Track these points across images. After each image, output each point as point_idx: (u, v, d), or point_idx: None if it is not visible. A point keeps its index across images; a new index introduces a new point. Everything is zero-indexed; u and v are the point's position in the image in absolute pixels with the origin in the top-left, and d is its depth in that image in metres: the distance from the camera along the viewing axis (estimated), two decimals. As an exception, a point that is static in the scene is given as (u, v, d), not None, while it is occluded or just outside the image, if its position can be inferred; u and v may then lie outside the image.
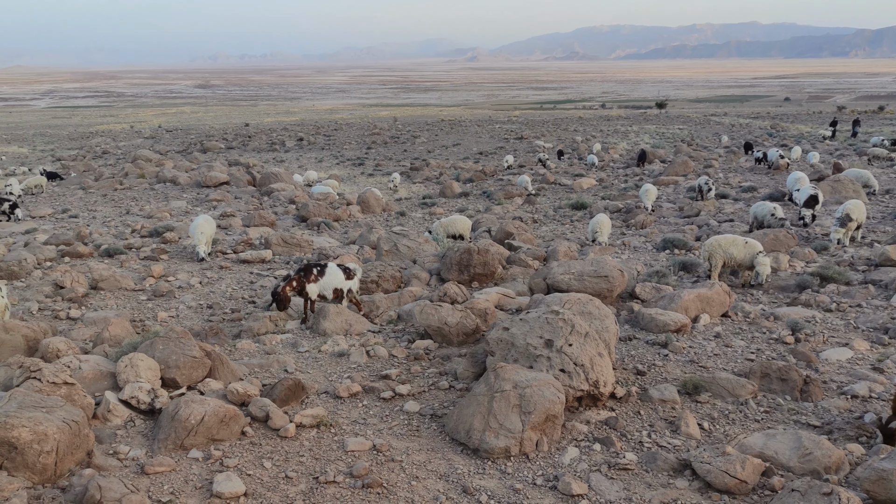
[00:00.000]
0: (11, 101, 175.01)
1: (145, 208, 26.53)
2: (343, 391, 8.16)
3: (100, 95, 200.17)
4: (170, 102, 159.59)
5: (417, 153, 48.61)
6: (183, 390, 8.17)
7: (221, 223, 21.92)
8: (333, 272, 11.70)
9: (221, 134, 70.42)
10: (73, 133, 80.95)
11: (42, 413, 6.42)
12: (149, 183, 34.54)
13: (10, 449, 6.08)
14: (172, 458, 6.65)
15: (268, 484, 6.31)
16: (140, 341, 9.18)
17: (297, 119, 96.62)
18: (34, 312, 12.80)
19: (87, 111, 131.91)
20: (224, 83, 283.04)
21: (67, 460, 6.36)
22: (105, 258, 17.32)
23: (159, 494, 6.06)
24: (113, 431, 7.21)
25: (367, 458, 6.75)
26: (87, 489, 5.78)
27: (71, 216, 25.68)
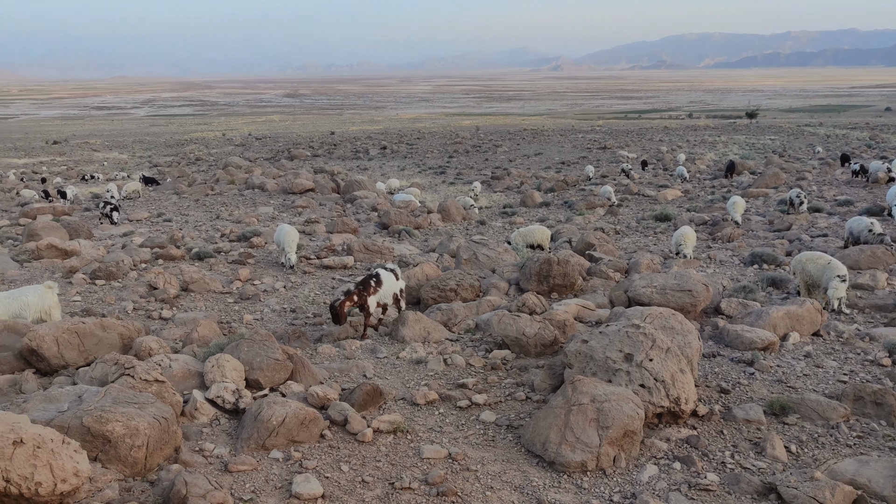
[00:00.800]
0: (114, 110, 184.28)
1: (234, 213, 27.44)
2: (420, 398, 8.23)
3: (195, 104, 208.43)
4: (260, 111, 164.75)
5: (499, 162, 48.62)
6: (266, 392, 8.40)
7: (306, 229, 22.46)
8: (387, 278, 11.58)
9: (308, 142, 72.21)
10: (170, 140, 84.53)
11: (134, 409, 6.71)
12: (238, 189, 35.73)
13: (104, 442, 6.38)
14: (254, 457, 6.84)
15: (345, 487, 6.41)
16: (226, 343, 9.50)
17: (380, 128, 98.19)
18: (129, 312, 13.40)
19: (182, 119, 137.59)
20: (311, 92, 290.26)
21: (156, 455, 6.63)
22: (196, 261, 17.99)
23: (241, 493, 6.24)
24: (199, 429, 7.47)
25: (442, 467, 6.77)
26: (174, 484, 6.00)
27: (165, 220, 26.81)
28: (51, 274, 16.39)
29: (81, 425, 6.40)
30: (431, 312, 12.24)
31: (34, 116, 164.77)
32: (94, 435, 6.38)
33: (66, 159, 64.84)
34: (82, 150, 75.15)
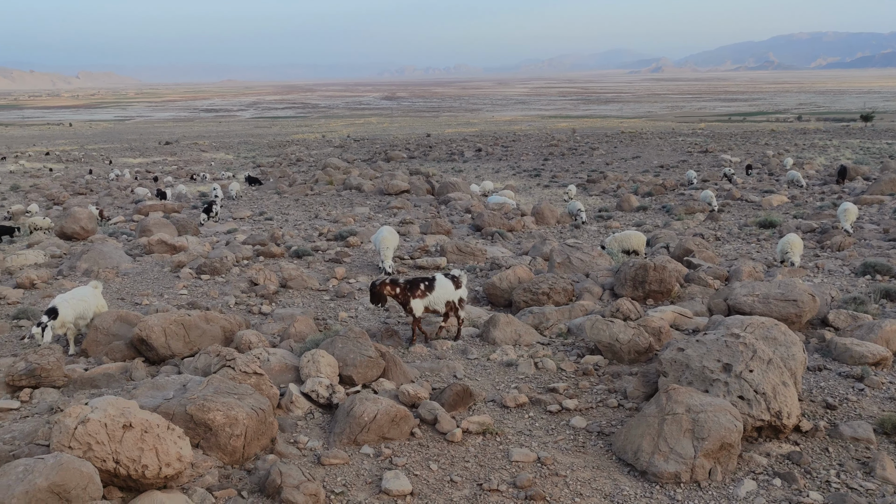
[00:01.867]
0: (222, 113, 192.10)
1: (332, 213, 28.12)
2: (510, 401, 8.19)
3: (297, 107, 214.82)
4: (358, 113, 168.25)
5: (595, 165, 47.91)
6: (358, 388, 8.56)
7: (400, 230, 22.76)
8: (443, 284, 11.21)
9: (404, 144, 73.23)
10: (272, 142, 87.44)
11: (234, 399, 6.97)
12: (336, 189, 36.61)
13: (205, 430, 6.66)
14: (346, 451, 6.98)
15: (433, 486, 6.46)
16: (322, 339, 9.74)
17: (476, 130, 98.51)
18: (231, 306, 13.92)
19: (285, 121, 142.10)
20: (409, 95, 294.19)
21: (254, 445, 6.86)
22: (294, 259, 18.52)
23: (332, 485, 6.38)
24: (294, 422, 7.69)
25: (531, 470, 6.72)
26: (270, 473, 6.20)
27: (266, 219, 27.75)
28: (160, 268, 17.22)
29: (185, 413, 6.70)
30: (523, 315, 12.18)
31: (149, 118, 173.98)
32: (196, 422, 6.66)
33: (177, 159, 68.10)
34: (191, 150, 78.77)
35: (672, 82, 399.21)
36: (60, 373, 9.15)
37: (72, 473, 5.28)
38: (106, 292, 15.05)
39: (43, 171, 58.18)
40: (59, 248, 20.91)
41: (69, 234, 23.32)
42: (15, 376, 8.91)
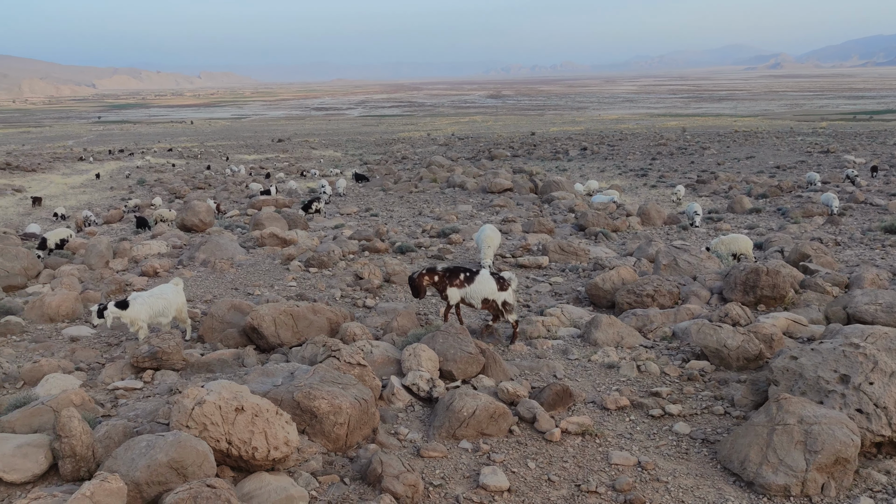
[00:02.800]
0: (331, 111, 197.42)
1: (435, 210, 28.45)
2: (610, 403, 8.08)
3: (403, 105, 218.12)
4: (463, 112, 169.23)
5: (705, 165, 46.38)
6: (458, 383, 8.65)
7: (503, 228, 22.78)
8: (484, 280, 10.97)
9: (508, 142, 73.15)
10: (379, 139, 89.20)
11: (338, 388, 7.19)
12: (440, 187, 36.99)
13: (311, 417, 6.90)
14: (445, 445, 7.07)
15: (531, 484, 6.46)
16: (423, 333, 9.89)
17: (581, 128, 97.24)
18: (337, 299, 14.34)
19: (391, 120, 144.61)
20: (514, 93, 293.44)
21: (356, 434, 7.06)
22: (398, 254, 18.87)
23: (431, 478, 6.48)
24: (395, 413, 7.85)
25: (630, 474, 6.61)
26: (371, 462, 6.36)
27: (372, 215, 28.38)
28: (271, 260, 17.92)
29: (292, 399, 6.96)
30: (626, 317, 11.96)
31: (263, 116, 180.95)
32: (302, 409, 6.91)
33: (289, 156, 70.58)
34: (302, 147, 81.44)
35: (792, 79, 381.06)
36: (179, 357, 9.70)
37: (189, 451, 5.60)
38: (221, 282, 15.83)
39: (166, 167, 61.62)
40: (180, 239, 22.12)
41: (189, 227, 24.61)
42: (139, 358, 9.51)
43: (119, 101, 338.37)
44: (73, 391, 7.73)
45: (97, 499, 4.86)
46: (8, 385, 9.19)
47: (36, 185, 49.68)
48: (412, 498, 6.03)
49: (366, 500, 5.93)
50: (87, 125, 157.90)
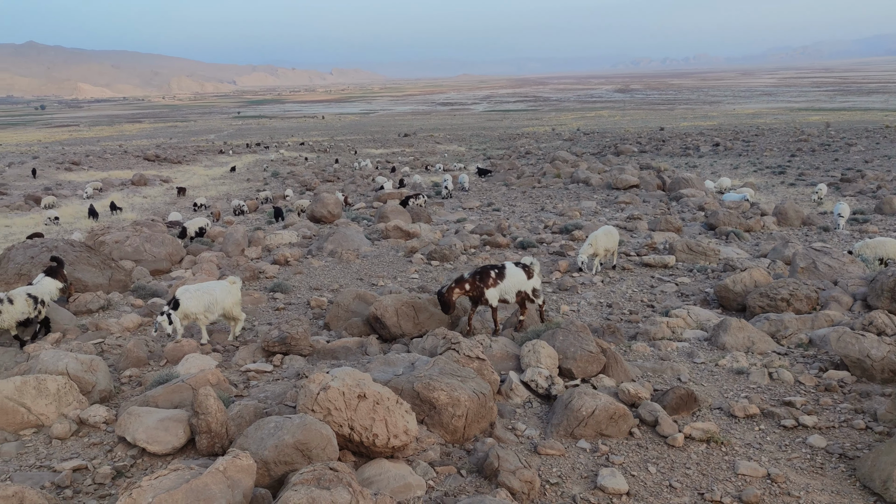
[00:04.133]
0: (456, 106, 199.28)
1: (558, 206, 28.16)
2: (738, 410, 7.72)
3: (528, 100, 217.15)
4: (589, 106, 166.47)
5: (851, 163, 43.46)
6: (577, 382, 8.53)
7: (627, 226, 22.25)
8: (513, 272, 10.60)
9: (635, 137, 71.34)
10: (503, 134, 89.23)
11: (457, 381, 7.26)
12: (563, 183, 36.58)
13: (430, 408, 7.00)
14: (562, 443, 6.99)
15: (650, 488, 6.28)
16: (543, 330, 9.82)
17: (714, 123, 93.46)
18: (458, 292, 14.47)
19: (516, 114, 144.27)
20: (643, 87, 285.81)
21: (473, 427, 7.10)
22: (519, 250, 18.81)
23: (547, 475, 6.43)
24: (513, 409, 7.84)
25: (759, 486, 6.30)
26: (488, 456, 6.38)
27: (494, 209, 28.43)
28: (395, 252, 18.31)
29: (412, 390, 7.09)
30: (758, 321, 11.40)
31: (390, 111, 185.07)
32: (422, 400, 7.03)
33: (414, 150, 71.84)
34: (427, 142, 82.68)
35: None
36: (306, 343, 10.09)
37: (314, 434, 5.81)
38: (346, 272, 16.33)
39: (298, 160, 64.23)
40: (310, 229, 23.01)
41: (318, 218, 25.55)
42: (269, 343, 9.97)
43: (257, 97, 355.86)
44: (210, 371, 8.20)
45: (229, 474, 5.13)
46: (153, 362, 9.86)
47: (181, 176, 53.08)
48: (528, 495, 6.00)
49: (482, 494, 5.95)
50: (228, 120, 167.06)
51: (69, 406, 7.66)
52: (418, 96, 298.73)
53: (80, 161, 62.90)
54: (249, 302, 13.56)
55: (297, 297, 14.36)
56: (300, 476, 5.07)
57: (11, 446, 6.97)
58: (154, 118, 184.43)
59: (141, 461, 6.59)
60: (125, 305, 13.68)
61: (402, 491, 5.90)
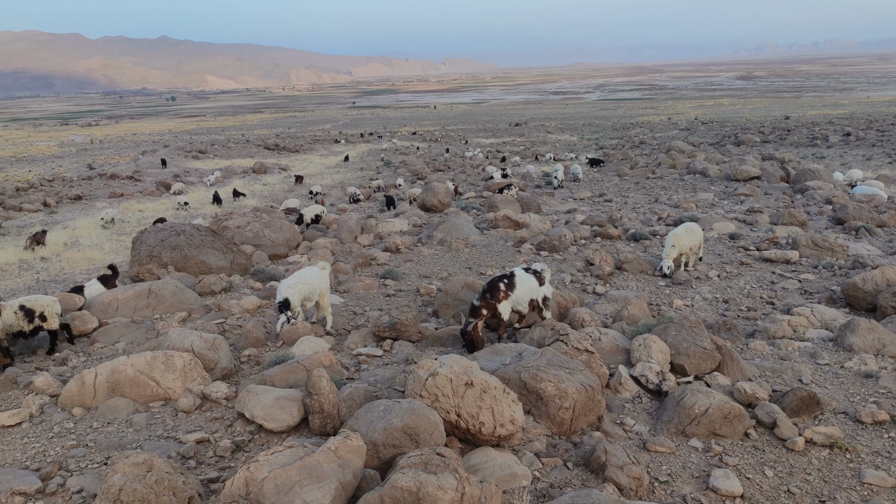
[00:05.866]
0: (569, 95, 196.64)
1: (673, 198, 27.30)
2: (866, 416, 7.27)
3: (643, 88, 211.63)
4: (708, 95, 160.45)
5: None
6: (689, 378, 8.28)
7: (747, 219, 21.33)
8: (524, 279, 9.77)
9: (758, 127, 68.21)
10: (616, 124, 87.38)
11: (565, 373, 7.19)
12: (679, 173, 35.42)
13: (536, 398, 6.97)
14: (673, 441, 6.81)
15: (767, 493, 6.02)
16: (655, 324, 9.57)
17: (845, 112, 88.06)
18: (566, 283, 14.31)
19: (630, 103, 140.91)
20: (767, 74, 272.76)
21: (580, 420, 7.02)
22: (631, 242, 18.38)
23: (657, 473, 6.27)
24: (622, 403, 7.69)
25: (887, 497, 5.92)
26: (595, 450, 6.29)
27: (606, 200, 27.89)
28: (504, 242, 18.30)
29: (519, 379, 7.08)
30: (890, 322, 10.67)
31: (501, 101, 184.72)
32: (528, 390, 7.00)
33: (524, 140, 71.46)
34: (538, 131, 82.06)
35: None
36: (415, 329, 10.25)
37: (421, 419, 5.91)
38: (455, 260, 16.47)
39: (410, 150, 65.18)
40: (420, 218, 23.32)
41: (428, 207, 25.85)
42: (380, 328, 10.20)
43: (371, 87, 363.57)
44: (323, 353, 8.48)
45: (340, 454, 5.29)
46: (270, 343, 10.29)
47: (298, 165, 54.99)
48: (636, 491, 5.88)
49: (588, 488, 5.87)
50: (343, 110, 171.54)
51: (193, 381, 8.11)
52: (530, 85, 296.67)
53: (206, 150, 66.27)
54: (361, 287, 13.90)
55: (406, 284, 14.60)
56: (408, 459, 5.17)
57: (142, 417, 7.46)
58: (274, 108, 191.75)
59: (258, 437, 6.90)
60: (245, 288, 14.32)
61: (508, 480, 5.91)
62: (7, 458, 6.64)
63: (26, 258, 20.77)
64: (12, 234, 27.23)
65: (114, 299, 12.27)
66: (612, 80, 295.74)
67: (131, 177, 45.84)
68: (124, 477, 5.25)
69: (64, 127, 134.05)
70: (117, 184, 42.85)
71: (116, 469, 5.34)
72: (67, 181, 44.47)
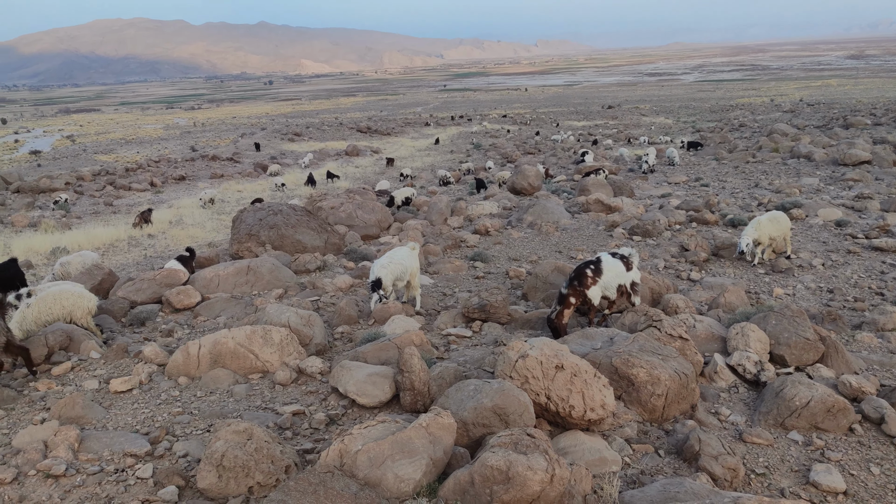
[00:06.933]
0: (665, 76, 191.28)
1: (774, 183, 26.21)
2: (984, 416, 6.82)
3: (745, 69, 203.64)
4: (815, 75, 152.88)
5: None
6: (790, 370, 7.97)
7: (856, 205, 20.26)
8: (611, 265, 9.39)
9: (869, 108, 64.52)
10: (714, 106, 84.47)
11: (658, 359, 7.05)
12: (781, 157, 33.94)
13: (628, 384, 6.87)
14: (771, 433, 6.58)
15: (872, 490, 5.74)
16: (753, 312, 9.25)
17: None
18: (659, 269, 13.99)
19: (730, 85, 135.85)
20: (881, 52, 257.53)
21: (673, 407, 6.87)
22: (728, 228, 17.78)
23: (753, 465, 6.09)
24: (717, 393, 7.48)
25: None
26: (689, 439, 6.15)
27: (702, 185, 27.03)
28: (595, 226, 18.03)
29: (610, 364, 6.99)
30: None
31: (594, 83, 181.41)
32: (619, 375, 6.91)
33: (617, 122, 70.01)
34: (632, 114, 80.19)
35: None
36: (505, 311, 10.25)
37: (511, 400, 5.92)
38: (545, 244, 16.35)
39: (500, 132, 64.93)
40: (510, 201, 23.23)
41: (518, 189, 25.72)
42: (470, 309, 10.25)
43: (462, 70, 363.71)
44: (414, 332, 8.60)
45: (431, 430, 5.37)
46: (362, 321, 10.51)
47: (389, 148, 55.70)
48: (731, 482, 5.72)
49: (680, 476, 5.75)
50: (434, 93, 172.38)
51: (290, 356, 8.38)
52: (624, 67, 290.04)
53: (301, 132, 67.98)
54: (451, 269, 13.99)
55: (496, 266, 14.60)
56: (498, 439, 5.19)
57: (242, 388, 7.77)
58: (367, 92, 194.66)
59: (351, 411, 7.08)
60: (338, 267, 14.66)
61: (597, 464, 5.86)
62: (119, 421, 7.05)
63: (135, 235, 21.91)
64: (122, 212, 28.77)
65: (215, 275, 12.79)
66: (711, 61, 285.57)
67: (231, 158, 47.54)
68: (226, 444, 5.50)
69: (169, 110, 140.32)
70: (218, 165, 44.55)
71: (219, 436, 5.59)
72: (172, 162, 46.55)
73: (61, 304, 9.70)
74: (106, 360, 8.82)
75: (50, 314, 9.59)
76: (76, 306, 9.81)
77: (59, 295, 9.74)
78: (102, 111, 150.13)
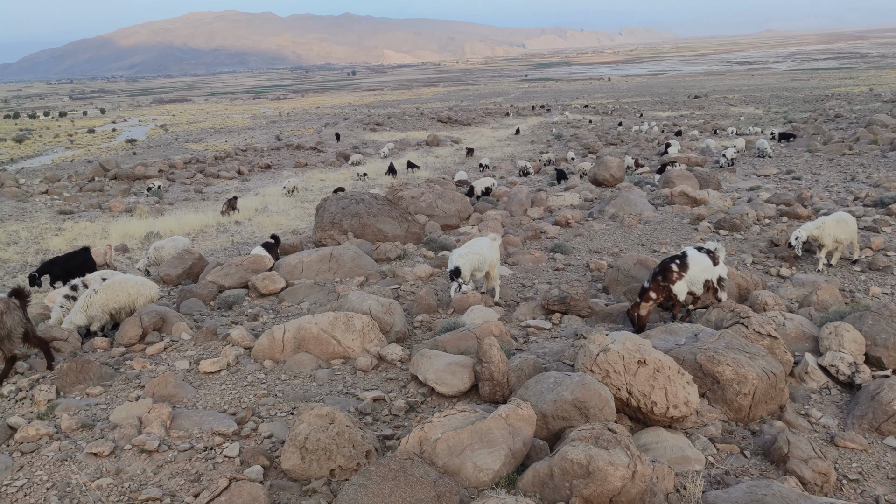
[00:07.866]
0: (755, 65, 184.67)
1: (873, 176, 24.98)
2: None
3: (842, 57, 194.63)
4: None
5: None
6: (888, 372, 7.60)
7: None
8: (697, 259, 9.03)
9: (979, 98, 60.67)
10: (808, 96, 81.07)
11: (744, 357, 6.84)
12: (881, 150, 32.29)
13: (713, 381, 6.69)
14: (865, 438, 6.30)
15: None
16: (848, 311, 8.86)
17: None
18: (747, 264, 13.54)
19: (825, 73, 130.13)
20: None
21: (760, 407, 6.66)
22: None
23: (846, 470, 5.84)
24: (807, 394, 7.21)
25: None
26: (777, 440, 5.95)
27: (794, 178, 26.02)
28: (679, 219, 17.60)
29: (695, 361, 6.82)
30: None
31: (680, 72, 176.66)
32: (704, 373, 6.73)
33: (704, 113, 68.02)
34: (719, 104, 77.77)
35: None
36: (585, 304, 10.13)
37: (592, 394, 5.85)
38: (628, 237, 16.07)
39: (582, 123, 64.06)
40: (591, 192, 22.92)
41: (600, 181, 25.35)
42: (549, 301, 10.18)
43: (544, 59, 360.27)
44: (493, 323, 8.61)
45: (511, 421, 5.37)
46: (441, 310, 10.58)
47: (469, 138, 55.73)
48: (821, 487, 5.51)
49: (767, 478, 5.58)
50: (515, 83, 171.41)
51: (371, 342, 8.52)
52: (712, 55, 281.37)
53: (382, 122, 68.79)
54: (530, 260, 13.92)
55: (576, 258, 14.45)
56: (578, 432, 5.14)
57: (324, 372, 7.95)
58: (448, 82, 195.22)
59: (430, 399, 7.14)
60: (418, 256, 14.79)
61: (680, 462, 5.74)
62: (208, 401, 7.33)
63: (223, 222, 22.67)
64: (211, 199, 29.80)
65: (299, 262, 13.11)
66: (805, 49, 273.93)
67: (314, 148, 48.54)
68: (309, 427, 5.64)
69: (256, 100, 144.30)
70: (302, 154, 45.58)
71: (302, 419, 5.74)
72: (258, 151, 47.89)
73: (127, 291, 10.29)
74: (196, 342, 9.17)
75: (116, 301, 10.17)
76: (140, 294, 10.42)
77: (125, 283, 10.35)
78: (193, 101, 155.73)
